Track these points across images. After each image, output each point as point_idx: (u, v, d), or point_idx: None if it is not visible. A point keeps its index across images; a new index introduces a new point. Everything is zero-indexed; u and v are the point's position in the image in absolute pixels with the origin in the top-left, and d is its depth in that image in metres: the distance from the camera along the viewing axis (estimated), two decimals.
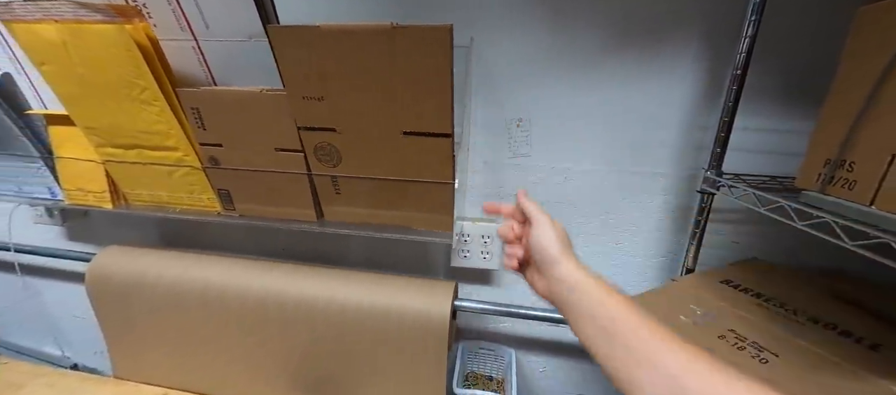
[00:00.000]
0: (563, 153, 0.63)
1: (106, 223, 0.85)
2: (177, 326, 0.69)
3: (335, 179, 0.53)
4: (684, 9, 0.53)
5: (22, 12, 0.45)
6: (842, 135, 0.34)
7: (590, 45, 0.56)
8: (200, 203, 0.61)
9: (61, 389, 0.72)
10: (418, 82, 0.43)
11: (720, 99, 0.54)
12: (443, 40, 0.39)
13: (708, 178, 0.51)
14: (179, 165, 0.57)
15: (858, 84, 0.33)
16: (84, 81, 0.50)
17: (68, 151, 0.60)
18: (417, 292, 0.62)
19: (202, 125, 0.52)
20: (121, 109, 0.51)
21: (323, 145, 0.50)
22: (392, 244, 0.71)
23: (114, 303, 0.71)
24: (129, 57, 0.46)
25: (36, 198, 0.66)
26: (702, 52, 0.54)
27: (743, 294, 0.48)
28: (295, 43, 0.42)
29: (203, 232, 0.80)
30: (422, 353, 0.60)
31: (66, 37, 0.46)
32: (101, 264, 0.70)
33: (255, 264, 0.68)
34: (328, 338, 0.63)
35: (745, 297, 0.48)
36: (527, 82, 0.60)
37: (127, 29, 0.45)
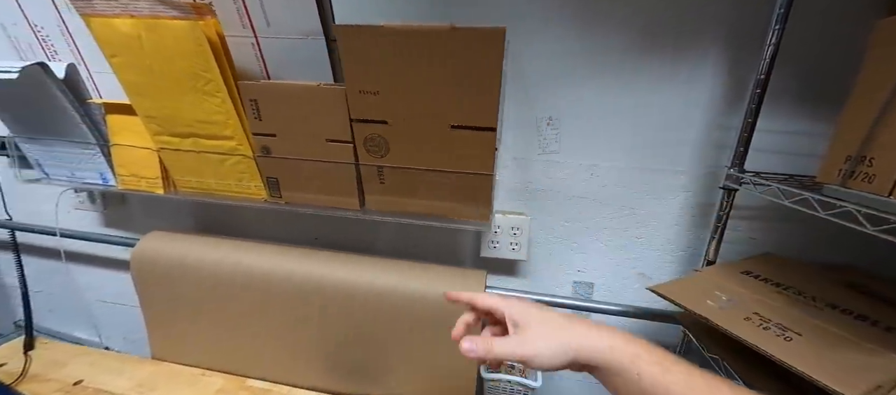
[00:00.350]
0: (590, 151, 0.67)
1: (142, 210, 0.89)
2: (218, 309, 0.72)
3: (381, 168, 0.57)
4: (708, 17, 0.57)
5: (102, 7, 0.49)
6: (862, 134, 0.38)
7: (618, 48, 0.60)
8: (248, 191, 0.64)
9: (103, 368, 0.75)
10: (470, 79, 0.46)
11: (740, 102, 0.58)
12: (497, 41, 0.43)
13: (731, 175, 0.55)
14: (232, 154, 0.60)
15: (878, 88, 0.37)
16: (152, 72, 0.53)
17: (124, 139, 0.64)
18: (450, 280, 0.65)
19: (258, 116, 0.56)
20: (183, 99, 0.55)
21: (373, 137, 0.54)
22: (422, 234, 0.75)
23: (157, 286, 0.74)
24: (199, 51, 0.50)
25: (87, 183, 0.70)
26: (724, 58, 0.58)
27: (763, 283, 0.52)
28: (359, 41, 0.46)
29: (237, 219, 0.83)
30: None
31: (141, 30, 0.50)
32: (145, 248, 0.73)
33: (295, 251, 0.71)
34: (365, 323, 0.66)
35: (766, 285, 0.51)
36: (558, 82, 0.64)
37: (199, 25, 0.48)
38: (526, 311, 0.34)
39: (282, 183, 0.62)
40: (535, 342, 0.31)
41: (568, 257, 0.73)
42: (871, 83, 0.39)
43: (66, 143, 0.65)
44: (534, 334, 0.32)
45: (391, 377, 0.69)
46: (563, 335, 0.31)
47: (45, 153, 0.69)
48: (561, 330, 0.32)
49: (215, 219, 0.84)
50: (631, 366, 0.29)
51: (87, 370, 0.75)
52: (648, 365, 0.28)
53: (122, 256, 0.94)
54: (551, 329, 0.32)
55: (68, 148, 0.66)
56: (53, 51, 0.64)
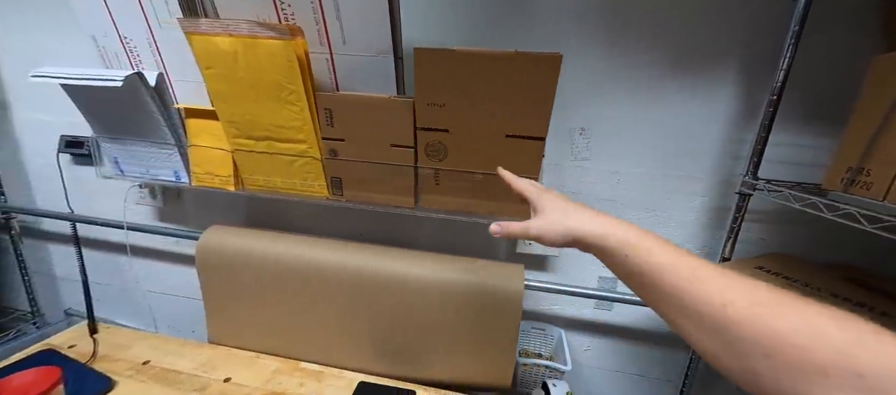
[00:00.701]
0: (618, 159, 0.74)
1: (195, 205, 0.96)
2: (276, 297, 0.79)
3: (438, 171, 0.64)
4: (727, 42, 0.65)
5: (206, 27, 0.56)
6: (861, 150, 0.46)
7: (645, 67, 0.68)
8: (311, 189, 0.72)
9: (164, 351, 0.82)
10: (526, 96, 0.54)
11: (753, 119, 0.66)
12: (553, 64, 0.51)
13: (746, 182, 0.63)
14: (302, 156, 0.67)
15: (874, 113, 0.45)
16: (241, 82, 0.61)
17: (202, 140, 0.71)
18: (492, 272, 0.72)
19: (331, 122, 0.63)
20: (265, 107, 0.62)
21: (434, 143, 0.61)
22: (461, 230, 0.82)
23: (218, 275, 0.80)
24: (288, 66, 0.57)
25: (161, 179, 0.77)
26: (739, 80, 0.66)
27: (775, 277, 0.59)
28: (434, 61, 0.53)
29: (286, 215, 0.90)
30: (497, 325, 0.71)
31: (239, 47, 0.57)
32: (209, 240, 0.80)
33: (349, 245, 0.78)
34: (414, 311, 0.73)
35: (777, 278, 0.59)
36: (590, 97, 0.71)
37: (292, 44, 0.56)
38: (545, 199, 0.41)
39: (345, 182, 0.69)
40: (542, 225, 0.39)
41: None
42: (868, 109, 0.47)
43: (147, 143, 0.72)
44: (545, 219, 0.39)
45: (434, 361, 0.76)
46: (567, 220, 0.37)
47: (124, 152, 0.76)
48: (566, 216, 0.38)
49: (266, 213, 0.91)
50: (619, 250, 0.33)
51: (151, 352, 0.81)
52: (635, 250, 0.33)
53: (174, 248, 1.01)
54: (559, 215, 0.38)
55: (147, 148, 0.73)
56: (138, 60, 0.71)
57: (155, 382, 0.73)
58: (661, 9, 0.65)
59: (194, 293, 1.04)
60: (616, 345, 0.86)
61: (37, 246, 1.10)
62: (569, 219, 0.37)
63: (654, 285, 0.31)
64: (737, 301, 0.26)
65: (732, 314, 0.25)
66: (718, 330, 0.26)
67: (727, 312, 0.26)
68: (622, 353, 0.86)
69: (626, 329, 0.84)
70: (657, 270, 0.31)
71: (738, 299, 0.26)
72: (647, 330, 0.83)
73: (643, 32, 0.67)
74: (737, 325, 0.25)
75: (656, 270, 0.31)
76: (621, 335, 0.85)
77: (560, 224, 0.38)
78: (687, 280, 0.29)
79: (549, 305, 0.86)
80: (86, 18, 0.69)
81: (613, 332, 0.85)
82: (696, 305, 0.28)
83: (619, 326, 0.84)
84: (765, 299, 0.25)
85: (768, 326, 0.24)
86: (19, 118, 0.99)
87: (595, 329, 0.86)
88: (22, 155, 1.01)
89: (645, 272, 0.32)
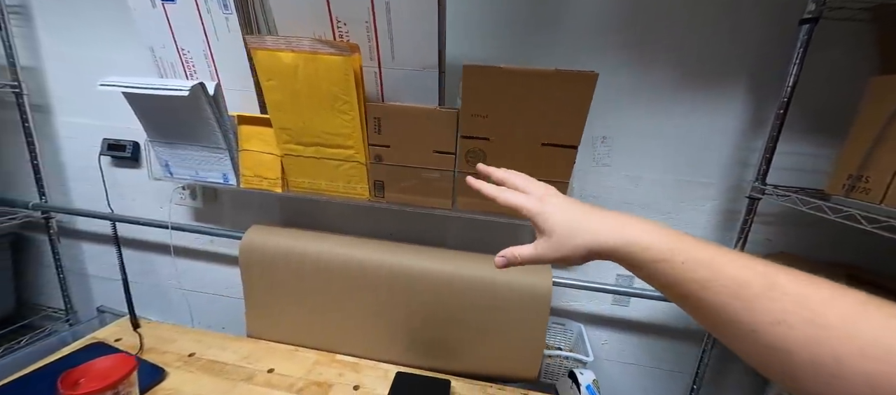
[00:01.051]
0: (636, 165, 0.81)
1: (231, 205, 1.00)
2: (315, 293, 0.83)
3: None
4: (738, 60, 0.72)
5: (271, 43, 0.62)
6: (860, 159, 0.52)
7: (663, 81, 0.75)
8: (354, 191, 0.77)
9: (207, 344, 0.86)
10: (562, 108, 0.60)
11: (761, 129, 0.73)
12: (589, 82, 0.57)
13: (756, 187, 0.69)
14: (348, 161, 0.73)
15: (872, 127, 0.52)
16: (298, 93, 0.66)
17: (252, 145, 0.76)
18: (521, 270, 0.78)
19: (379, 130, 0.69)
20: (319, 115, 0.68)
21: (474, 150, 0.67)
22: (487, 230, 0.88)
23: (260, 271, 0.85)
24: (345, 79, 0.63)
25: (209, 182, 0.81)
26: (749, 93, 0.73)
27: None
28: (480, 76, 0.59)
29: (320, 215, 0.95)
30: (526, 318, 0.76)
31: (300, 62, 0.63)
32: (252, 239, 0.85)
33: (385, 244, 0.83)
34: (448, 306, 0.79)
35: None
36: (612, 108, 0.78)
37: (349, 60, 0.61)
38: (548, 214, 0.36)
39: (387, 185, 0.75)
40: (556, 248, 0.34)
41: None
42: (866, 123, 0.53)
43: (199, 147, 0.77)
44: (555, 240, 0.35)
45: (466, 354, 0.81)
46: (578, 237, 0.33)
47: (174, 156, 0.81)
48: (577, 233, 0.33)
49: (299, 213, 0.96)
50: (648, 262, 0.30)
51: (194, 345, 0.85)
52: (644, 260, 0.30)
53: (209, 247, 1.05)
54: (571, 231, 0.34)
55: (199, 151, 0.78)
56: (193, 71, 0.77)
57: (203, 372, 0.77)
58: (678, 28, 0.72)
59: (225, 291, 1.09)
60: (631, 339, 0.92)
61: (70, 245, 1.14)
62: (584, 236, 0.33)
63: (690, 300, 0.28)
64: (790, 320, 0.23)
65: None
66: (776, 350, 0.24)
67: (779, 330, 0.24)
68: (637, 346, 0.92)
69: (642, 324, 0.90)
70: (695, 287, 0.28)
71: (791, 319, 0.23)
72: (662, 324, 0.89)
73: (661, 49, 0.73)
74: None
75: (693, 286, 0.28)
76: (637, 329, 0.91)
77: (575, 247, 0.33)
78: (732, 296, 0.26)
79: (569, 301, 0.92)
80: (146, 31, 0.74)
81: (629, 326, 0.91)
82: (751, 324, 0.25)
83: (634, 320, 0.90)
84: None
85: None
86: (60, 122, 1.03)
87: (612, 324, 0.92)
88: (62, 157, 1.06)
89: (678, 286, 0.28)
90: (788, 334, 0.23)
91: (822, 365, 0.22)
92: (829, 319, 0.23)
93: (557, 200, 0.37)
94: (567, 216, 0.35)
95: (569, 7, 0.74)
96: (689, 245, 0.29)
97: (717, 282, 0.27)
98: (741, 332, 0.26)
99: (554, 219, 0.35)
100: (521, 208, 0.38)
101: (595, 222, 0.34)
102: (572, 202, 0.37)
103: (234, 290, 1.08)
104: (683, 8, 0.71)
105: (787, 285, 0.25)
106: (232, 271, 1.06)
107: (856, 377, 0.21)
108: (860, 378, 0.21)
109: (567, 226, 0.34)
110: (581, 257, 0.34)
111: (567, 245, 0.34)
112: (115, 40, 0.91)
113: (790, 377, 0.24)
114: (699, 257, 0.28)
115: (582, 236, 0.33)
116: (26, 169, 1.03)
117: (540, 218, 0.36)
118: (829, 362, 0.22)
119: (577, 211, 0.35)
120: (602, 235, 0.33)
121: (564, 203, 0.37)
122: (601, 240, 0.32)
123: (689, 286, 0.28)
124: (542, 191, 0.39)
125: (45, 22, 0.96)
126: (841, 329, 0.22)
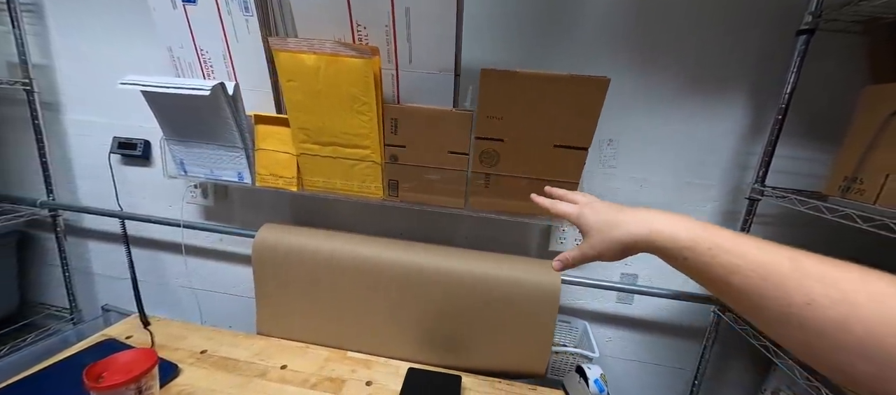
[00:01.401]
0: (641, 167, 0.84)
1: (240, 204, 1.01)
2: (328, 291, 0.85)
3: (489, 175, 0.72)
4: (739, 67, 0.75)
5: (293, 45, 0.64)
6: (855, 163, 0.56)
7: (667, 87, 0.78)
8: (368, 190, 0.79)
9: (218, 341, 0.87)
10: (575, 112, 0.63)
11: (760, 133, 0.76)
12: (602, 86, 0.60)
13: (755, 188, 0.72)
14: (364, 160, 0.75)
15: (865, 132, 0.55)
16: (318, 94, 0.68)
17: (269, 145, 0.77)
18: (531, 268, 0.80)
19: (395, 131, 0.71)
20: (338, 116, 0.70)
21: (488, 151, 0.69)
22: (496, 229, 0.90)
23: (272, 269, 0.86)
24: (365, 82, 0.65)
25: (224, 180, 0.83)
26: (749, 99, 0.77)
27: None
28: (497, 80, 0.62)
29: (331, 213, 0.97)
30: (535, 315, 0.79)
31: (321, 64, 0.64)
32: (264, 238, 0.86)
33: (398, 242, 0.85)
34: (458, 303, 0.81)
35: None
36: (618, 112, 0.81)
37: (370, 62, 0.63)
38: (587, 217, 0.40)
39: (401, 185, 0.77)
40: (596, 247, 0.38)
41: None
42: (860, 129, 0.57)
43: (215, 146, 0.78)
44: (595, 239, 0.38)
45: (477, 350, 0.83)
46: (614, 233, 0.37)
47: (189, 154, 0.82)
48: (612, 229, 0.37)
49: (309, 212, 0.98)
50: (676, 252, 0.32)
51: (206, 342, 0.86)
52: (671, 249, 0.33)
53: (218, 246, 1.06)
54: (606, 231, 0.37)
55: (215, 150, 0.79)
56: (211, 70, 0.78)
57: (216, 368, 0.78)
58: (682, 36, 0.75)
59: (232, 289, 1.10)
60: (634, 336, 0.95)
61: (76, 243, 1.14)
62: (617, 231, 0.36)
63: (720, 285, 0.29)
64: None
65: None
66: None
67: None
68: (640, 343, 0.95)
69: (645, 321, 0.93)
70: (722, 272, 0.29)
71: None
72: (664, 322, 0.92)
73: (666, 56, 0.77)
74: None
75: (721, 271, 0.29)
76: (640, 326, 0.94)
77: (612, 240, 0.37)
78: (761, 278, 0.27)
79: (575, 299, 0.94)
80: (165, 31, 0.75)
81: (633, 324, 0.94)
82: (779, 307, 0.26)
83: (638, 318, 0.93)
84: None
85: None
86: (69, 120, 1.03)
87: (616, 322, 0.95)
88: (70, 155, 1.06)
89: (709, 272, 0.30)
90: (819, 314, 0.24)
91: (855, 344, 0.23)
92: (859, 298, 0.24)
93: (596, 204, 0.42)
94: (602, 217, 0.39)
95: (575, 16, 0.77)
96: (715, 234, 0.31)
97: (746, 268, 0.28)
98: (773, 314, 0.27)
99: (591, 221, 0.40)
100: (567, 215, 0.43)
101: (626, 218, 0.37)
102: (608, 205, 0.41)
103: (242, 288, 1.09)
104: (685, 17, 0.74)
105: (814, 267, 0.26)
106: (240, 269, 1.07)
107: (887, 357, 0.22)
108: (893, 357, 0.22)
109: (602, 225, 0.38)
110: (617, 251, 0.37)
111: (603, 241, 0.38)
112: (129, 39, 0.92)
113: (823, 356, 0.25)
114: (725, 245, 0.30)
115: (615, 232, 0.37)
116: (34, 167, 1.03)
117: (581, 220, 0.41)
118: (862, 340, 0.23)
119: (611, 211, 0.39)
120: (632, 228, 0.36)
121: (601, 206, 0.41)
122: (632, 232, 0.35)
123: (718, 272, 0.29)
124: (585, 200, 0.44)
125: (58, 20, 0.96)
126: (872, 308, 0.23)
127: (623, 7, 0.76)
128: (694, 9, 0.74)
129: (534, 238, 0.91)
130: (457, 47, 0.66)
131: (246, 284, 1.08)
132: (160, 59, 0.80)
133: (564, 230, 0.87)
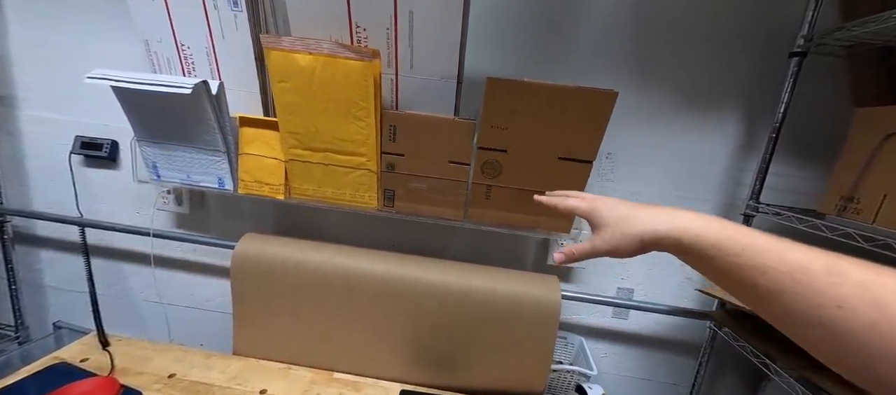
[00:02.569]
0: (638, 180, 0.84)
1: (219, 212, 0.94)
2: (314, 307, 0.79)
3: (490, 187, 0.70)
4: (733, 85, 0.77)
5: (286, 44, 0.59)
6: (851, 183, 0.57)
7: (664, 103, 0.79)
8: (361, 200, 0.74)
9: (189, 363, 0.79)
10: (581, 124, 0.61)
11: (754, 150, 0.78)
12: (609, 99, 0.59)
13: (750, 205, 0.73)
14: (359, 168, 0.70)
15: (860, 153, 0.57)
16: (313, 97, 0.63)
17: (254, 149, 0.72)
18: (528, 283, 0.78)
19: (393, 138, 0.67)
20: (333, 120, 0.65)
21: (491, 161, 0.67)
22: (491, 241, 0.88)
23: (252, 284, 0.80)
24: (364, 85, 0.61)
25: (202, 186, 0.76)
26: (743, 117, 0.78)
27: None
28: (502, 89, 0.59)
29: (317, 224, 0.91)
30: (534, 332, 0.76)
31: (317, 65, 0.60)
32: (245, 249, 0.80)
33: (390, 255, 0.81)
34: (453, 319, 0.77)
35: None
36: (616, 126, 0.79)
37: (370, 66, 0.60)
38: (601, 210, 0.39)
39: (397, 195, 0.73)
40: (611, 239, 0.37)
41: (613, 266, 0.89)
42: (854, 149, 0.58)
43: (194, 149, 0.72)
44: (610, 232, 0.37)
45: (471, 369, 0.79)
46: (634, 227, 0.35)
47: (164, 157, 0.75)
48: (632, 223, 0.36)
49: (295, 221, 0.92)
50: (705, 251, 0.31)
51: (175, 364, 0.78)
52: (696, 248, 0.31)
53: (190, 256, 0.97)
54: (625, 224, 0.36)
55: (193, 153, 0.73)
56: (192, 67, 0.72)
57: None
58: (679, 53, 0.76)
59: (205, 303, 1.01)
60: (630, 352, 0.94)
61: (25, 252, 1.02)
62: (636, 225, 0.35)
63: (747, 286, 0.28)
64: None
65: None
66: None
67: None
68: (635, 359, 0.94)
69: (640, 337, 0.92)
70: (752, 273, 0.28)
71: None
72: (660, 337, 0.91)
73: (663, 73, 0.77)
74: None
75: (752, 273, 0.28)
76: (635, 341, 0.93)
77: (629, 234, 0.35)
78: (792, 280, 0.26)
79: (570, 314, 0.93)
80: (142, 23, 0.69)
81: (628, 339, 0.93)
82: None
83: (633, 333, 0.92)
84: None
85: None
86: (25, 116, 0.93)
87: (612, 337, 0.93)
88: (24, 154, 0.95)
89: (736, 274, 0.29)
90: (851, 317, 0.24)
91: (886, 348, 0.22)
92: (892, 301, 0.23)
93: (608, 199, 0.41)
94: (618, 211, 0.38)
95: (572, 33, 0.77)
96: (744, 234, 0.30)
97: (777, 269, 0.27)
98: (801, 317, 0.26)
99: (605, 214, 0.39)
100: (576, 209, 0.43)
101: (647, 213, 0.36)
102: (622, 200, 0.40)
103: (216, 302, 1.00)
104: (681, 35, 0.75)
105: (847, 269, 0.25)
106: (215, 281, 0.99)
107: None
108: None
109: (618, 219, 0.37)
110: (634, 246, 0.35)
111: (620, 235, 0.36)
112: (99, 30, 0.85)
113: (849, 359, 0.24)
114: (758, 246, 0.28)
115: (634, 226, 0.35)
116: None
117: (594, 214, 0.40)
118: (892, 344, 0.22)
119: (627, 206, 0.38)
120: (654, 223, 0.34)
121: (615, 200, 0.40)
122: (654, 227, 0.34)
123: (747, 273, 0.28)
124: (592, 196, 0.43)
125: (17, 9, 0.87)
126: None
127: (621, 26, 0.76)
128: (690, 29, 0.75)
129: (530, 252, 0.89)
130: (460, 54, 0.63)
131: (221, 298, 0.99)
132: (134, 53, 0.73)
133: (562, 244, 0.85)
